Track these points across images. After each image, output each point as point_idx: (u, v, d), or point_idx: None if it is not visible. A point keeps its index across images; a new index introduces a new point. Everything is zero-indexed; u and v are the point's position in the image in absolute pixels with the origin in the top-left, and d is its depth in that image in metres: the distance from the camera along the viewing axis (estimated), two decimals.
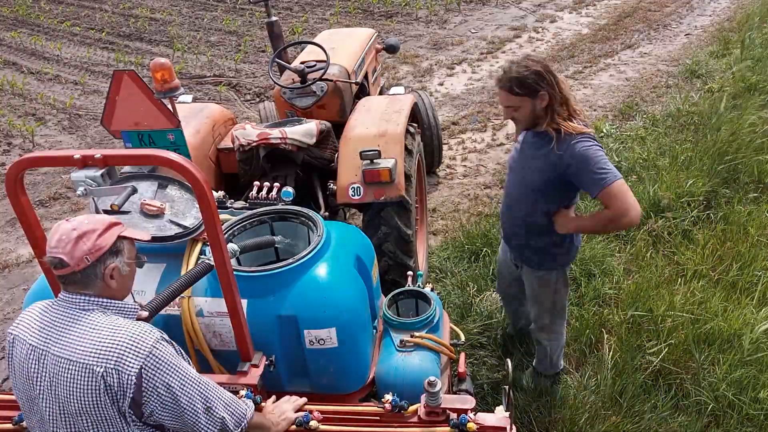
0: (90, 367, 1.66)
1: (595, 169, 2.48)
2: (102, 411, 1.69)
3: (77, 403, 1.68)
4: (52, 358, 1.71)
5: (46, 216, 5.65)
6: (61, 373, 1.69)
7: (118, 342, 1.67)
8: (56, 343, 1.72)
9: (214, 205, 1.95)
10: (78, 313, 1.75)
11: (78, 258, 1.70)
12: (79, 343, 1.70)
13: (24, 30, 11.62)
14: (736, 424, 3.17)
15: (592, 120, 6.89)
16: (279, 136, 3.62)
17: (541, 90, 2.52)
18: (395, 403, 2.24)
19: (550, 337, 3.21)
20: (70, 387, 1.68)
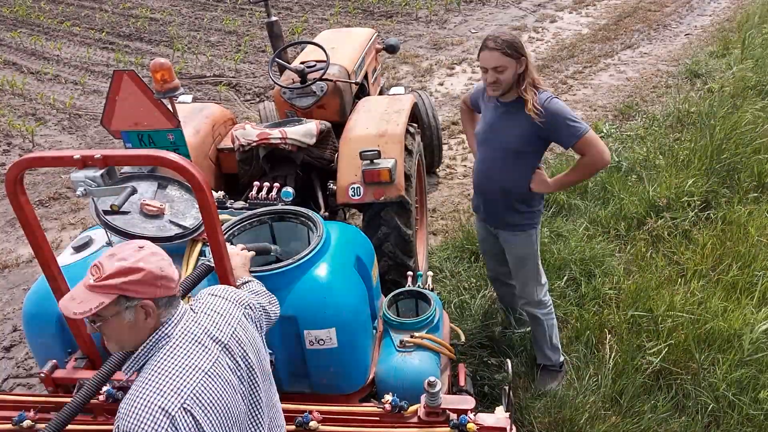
0: (243, 314, 1.84)
1: (569, 123, 2.81)
2: (263, 344, 1.91)
3: (258, 342, 1.84)
4: (234, 333, 1.74)
5: (46, 216, 5.65)
6: (247, 327, 1.81)
7: (233, 293, 1.88)
8: (219, 333, 1.71)
9: (214, 205, 1.95)
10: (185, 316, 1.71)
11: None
12: (222, 315, 1.76)
13: (24, 30, 11.62)
14: (736, 424, 3.17)
15: (592, 120, 6.89)
16: (279, 136, 3.62)
17: (523, 55, 2.82)
18: (395, 404, 2.24)
19: (542, 309, 3.33)
20: (253, 332, 1.85)
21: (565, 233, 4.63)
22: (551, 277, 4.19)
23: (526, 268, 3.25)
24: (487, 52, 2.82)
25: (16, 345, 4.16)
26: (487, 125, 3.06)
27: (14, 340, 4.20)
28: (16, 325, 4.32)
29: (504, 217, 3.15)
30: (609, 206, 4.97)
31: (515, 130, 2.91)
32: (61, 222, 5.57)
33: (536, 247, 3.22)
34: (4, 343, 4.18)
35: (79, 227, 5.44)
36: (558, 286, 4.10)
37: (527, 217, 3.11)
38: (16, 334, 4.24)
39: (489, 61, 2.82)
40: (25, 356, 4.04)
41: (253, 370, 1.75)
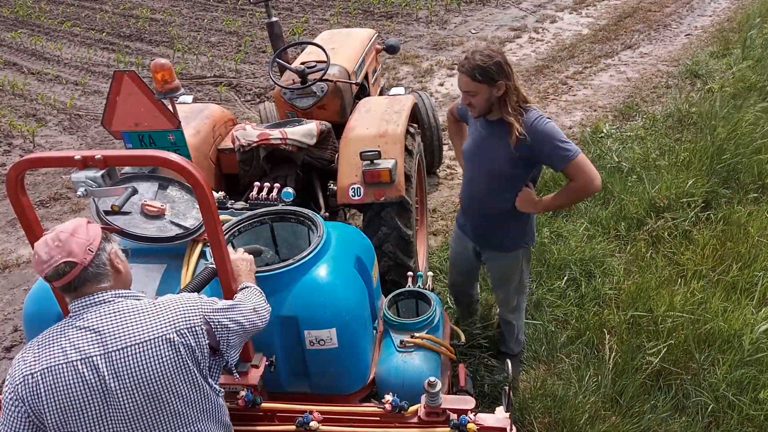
0: (164, 337, 1.69)
1: (560, 146, 2.68)
2: (186, 376, 1.73)
3: (163, 378, 1.69)
4: (116, 354, 1.66)
5: (47, 216, 5.65)
6: (135, 360, 1.67)
7: (174, 308, 1.76)
8: (111, 340, 1.67)
9: (215, 205, 1.95)
10: (104, 307, 1.72)
11: (82, 252, 1.70)
12: (137, 326, 1.69)
13: (24, 30, 11.63)
14: (736, 424, 3.17)
15: (592, 120, 6.89)
16: (279, 137, 3.62)
17: (500, 80, 2.65)
18: (395, 404, 2.24)
19: (516, 315, 3.36)
20: (151, 366, 1.68)
21: (565, 233, 4.64)
22: (551, 276, 4.20)
23: (510, 284, 3.21)
24: (459, 74, 2.72)
25: (16, 345, 4.17)
26: (473, 144, 2.94)
27: (15, 341, 4.20)
28: (16, 325, 4.32)
29: (492, 240, 3.08)
30: (609, 206, 4.97)
31: (501, 151, 2.77)
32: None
33: (521, 267, 3.13)
34: (4, 343, 4.18)
35: None
36: (558, 286, 4.10)
37: (516, 239, 3.03)
38: (17, 335, 4.24)
39: (461, 84, 2.73)
40: None
41: (117, 397, 1.67)
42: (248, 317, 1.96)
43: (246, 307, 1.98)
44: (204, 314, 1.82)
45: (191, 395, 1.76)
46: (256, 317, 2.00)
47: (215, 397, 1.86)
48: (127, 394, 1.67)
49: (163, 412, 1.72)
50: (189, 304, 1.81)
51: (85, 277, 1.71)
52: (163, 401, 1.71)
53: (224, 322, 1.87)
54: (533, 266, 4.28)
